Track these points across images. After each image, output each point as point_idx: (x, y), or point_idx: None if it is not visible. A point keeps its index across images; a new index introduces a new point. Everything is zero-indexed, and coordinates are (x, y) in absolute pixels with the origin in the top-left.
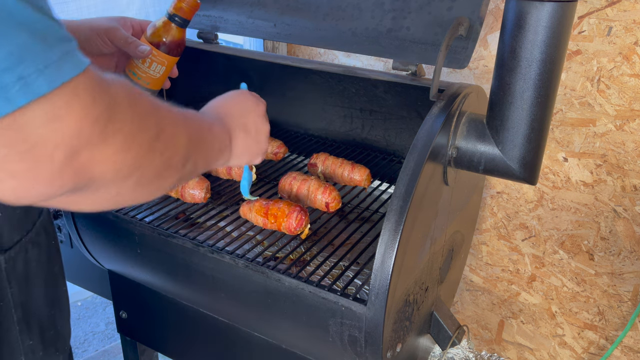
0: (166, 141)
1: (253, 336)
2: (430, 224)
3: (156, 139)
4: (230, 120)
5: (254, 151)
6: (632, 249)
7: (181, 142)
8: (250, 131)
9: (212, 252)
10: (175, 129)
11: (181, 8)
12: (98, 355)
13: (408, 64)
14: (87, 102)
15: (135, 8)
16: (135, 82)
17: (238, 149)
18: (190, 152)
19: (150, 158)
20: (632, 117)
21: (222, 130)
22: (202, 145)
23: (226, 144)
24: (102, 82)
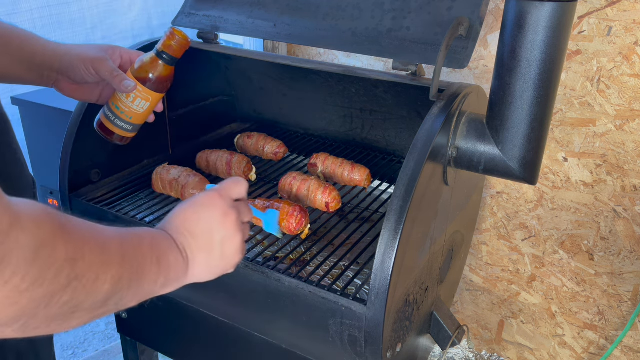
0: (77, 290)
1: (253, 336)
2: (430, 224)
3: (61, 291)
4: (192, 242)
5: (219, 270)
6: (632, 249)
7: (103, 287)
8: (215, 250)
9: None
10: (99, 275)
11: (170, 46)
12: (98, 355)
13: (408, 64)
14: None
15: (137, 9)
16: (117, 115)
17: (197, 272)
18: (114, 295)
19: (45, 309)
20: (632, 117)
21: (177, 261)
22: (138, 282)
23: (179, 272)
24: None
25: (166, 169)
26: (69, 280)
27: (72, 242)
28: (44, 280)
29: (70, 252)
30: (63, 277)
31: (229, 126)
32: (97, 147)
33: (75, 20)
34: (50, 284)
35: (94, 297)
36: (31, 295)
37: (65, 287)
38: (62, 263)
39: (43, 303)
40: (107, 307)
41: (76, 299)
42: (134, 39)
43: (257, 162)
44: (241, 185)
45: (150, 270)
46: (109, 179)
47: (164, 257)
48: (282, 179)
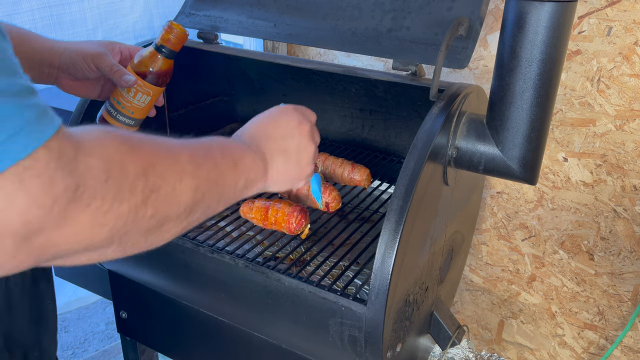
0: (158, 203)
1: (253, 336)
2: (430, 224)
3: (142, 206)
4: (267, 144)
5: (295, 176)
6: (632, 249)
7: (183, 197)
8: (291, 155)
9: (212, 252)
10: (175, 185)
11: (169, 40)
12: (98, 355)
13: (408, 64)
14: (35, 189)
15: (139, 10)
16: (119, 110)
17: (276, 175)
18: (197, 203)
19: (135, 225)
20: (632, 117)
21: (254, 162)
22: (218, 187)
23: (258, 174)
24: (65, 157)
25: None
26: (146, 194)
27: (140, 157)
28: (122, 198)
29: (140, 166)
30: (139, 192)
31: (229, 126)
32: None
33: (76, 20)
34: (129, 200)
35: (176, 207)
36: (115, 214)
37: (145, 201)
38: (134, 178)
39: (129, 219)
40: (196, 215)
41: (160, 211)
42: (135, 39)
43: None
44: (313, 114)
45: (228, 174)
46: None
47: (240, 160)
48: None
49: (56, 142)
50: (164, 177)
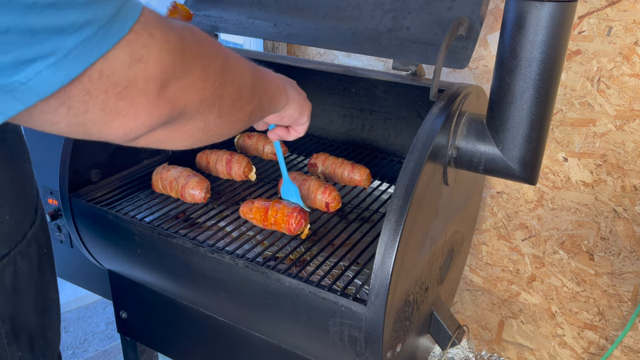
0: (234, 71)
1: (253, 336)
2: (430, 224)
3: (225, 69)
4: (289, 88)
5: (304, 104)
6: (632, 249)
7: (246, 73)
8: (296, 89)
9: (212, 252)
10: (237, 60)
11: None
12: (98, 355)
13: (408, 64)
14: (161, 39)
15: None
16: None
17: (290, 99)
18: (255, 85)
19: (225, 86)
20: (632, 117)
21: (277, 79)
22: (264, 81)
23: (281, 87)
24: (163, 19)
25: (166, 169)
26: (223, 59)
27: (206, 35)
28: (210, 56)
29: (211, 40)
30: (219, 56)
31: None
32: (97, 147)
33: None
34: (214, 59)
35: (245, 79)
36: (213, 70)
37: (224, 65)
38: (212, 44)
39: (221, 79)
40: (255, 94)
41: (237, 79)
42: None
43: (257, 162)
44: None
45: (265, 74)
46: (109, 179)
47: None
48: (282, 179)
49: (151, 9)
50: (226, 51)
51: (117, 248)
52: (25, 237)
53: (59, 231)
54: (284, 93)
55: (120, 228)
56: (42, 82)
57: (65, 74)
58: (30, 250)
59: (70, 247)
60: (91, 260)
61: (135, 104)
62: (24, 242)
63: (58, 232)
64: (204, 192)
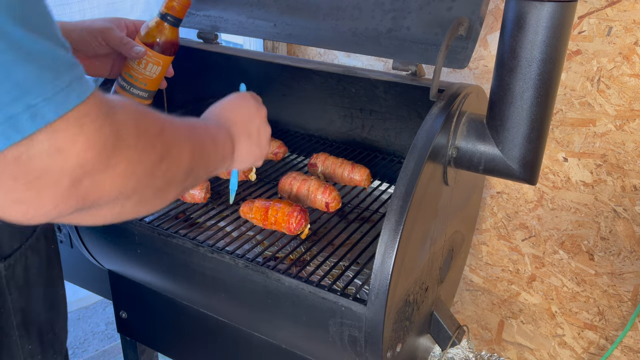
0: (170, 162)
1: (253, 336)
2: (430, 224)
3: (160, 162)
4: (234, 127)
5: (256, 155)
6: (632, 249)
7: (184, 159)
8: (253, 136)
9: (212, 252)
10: (179, 147)
11: (173, 7)
12: (98, 355)
13: (408, 64)
14: (91, 133)
15: (140, 9)
16: (132, 83)
17: (241, 154)
18: (192, 166)
19: (153, 179)
20: (632, 117)
21: (226, 138)
22: (205, 157)
23: (229, 152)
24: (108, 110)
25: None
26: (162, 151)
27: (155, 119)
28: (147, 150)
29: (157, 127)
30: (158, 148)
31: None
32: None
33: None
34: (151, 154)
35: (180, 168)
36: (143, 166)
37: (161, 158)
38: (154, 135)
39: (151, 172)
40: (189, 179)
41: (170, 170)
42: None
43: None
44: (259, 98)
45: (210, 146)
46: None
47: (217, 136)
48: (282, 179)
49: (100, 97)
50: (172, 139)
51: (117, 248)
52: (34, 232)
53: (59, 231)
54: (229, 157)
55: (120, 228)
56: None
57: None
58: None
59: (70, 247)
60: (91, 260)
61: (42, 196)
62: (34, 237)
63: (58, 232)
64: (204, 192)
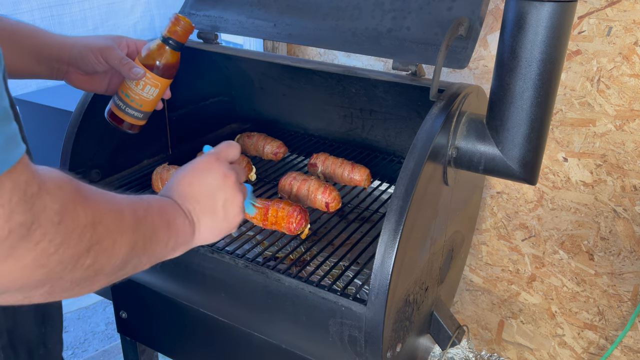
0: (98, 254)
1: (253, 336)
2: (430, 224)
3: (84, 254)
4: (196, 206)
5: (224, 231)
6: (632, 249)
7: (120, 251)
8: (218, 212)
9: (212, 252)
10: (117, 239)
11: (175, 32)
12: (98, 355)
13: (408, 64)
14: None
15: (140, 10)
16: (128, 103)
17: (203, 234)
18: (131, 259)
19: (71, 272)
20: (632, 117)
21: (184, 225)
22: (149, 250)
23: (188, 235)
24: (28, 192)
25: (166, 169)
26: (91, 244)
27: (91, 208)
28: (69, 243)
29: (90, 217)
30: (85, 241)
31: (228, 126)
32: (97, 147)
33: (76, 21)
34: (74, 246)
35: (113, 261)
36: (58, 258)
37: (88, 250)
38: (84, 227)
39: (69, 266)
40: (126, 270)
41: (98, 262)
42: None
43: (257, 162)
44: (235, 148)
45: (162, 234)
46: (109, 179)
47: (173, 222)
48: (282, 179)
49: (23, 175)
50: (109, 231)
51: None
52: None
53: None
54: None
55: None
56: None
57: None
58: None
59: None
60: None
61: None
62: None
63: None
64: None
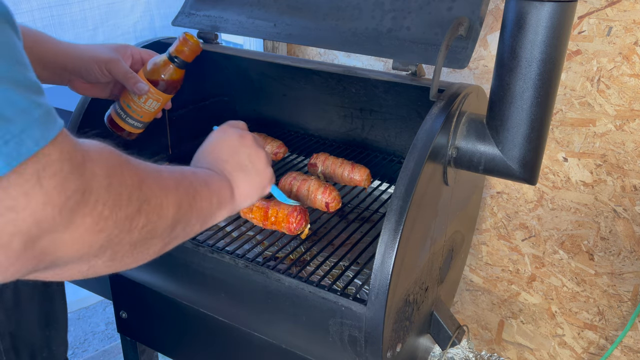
0: (149, 214)
1: (253, 336)
2: (430, 224)
3: (137, 215)
4: (225, 166)
5: (260, 185)
6: (632, 249)
7: (168, 211)
8: (248, 167)
9: (212, 252)
10: (162, 199)
11: (183, 51)
12: (98, 355)
13: (408, 64)
14: (51, 188)
15: (140, 10)
16: (129, 114)
17: (243, 191)
18: (180, 219)
19: (128, 234)
20: (632, 117)
21: (221, 181)
22: (197, 207)
23: (227, 194)
24: (77, 161)
25: None
26: (140, 203)
27: (135, 170)
28: (121, 204)
29: (135, 178)
30: (135, 201)
31: None
32: None
33: (76, 21)
34: (126, 207)
35: (163, 221)
36: (114, 220)
37: (139, 210)
38: (131, 188)
39: (125, 227)
40: (177, 231)
41: (150, 223)
42: (136, 39)
43: None
44: (242, 123)
45: (204, 192)
46: None
47: (210, 181)
48: (282, 179)
49: (67, 145)
50: (153, 191)
51: None
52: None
53: None
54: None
55: None
56: None
57: None
58: None
59: None
60: None
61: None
62: None
63: None
64: None
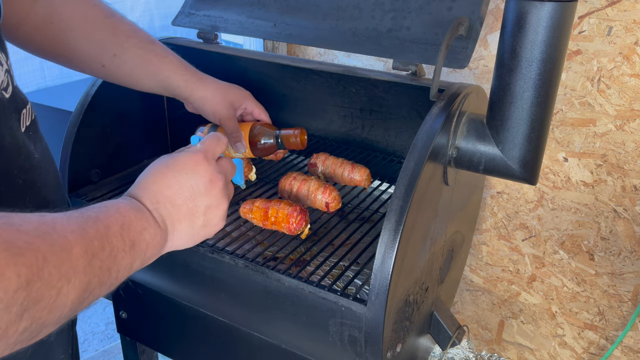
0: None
1: (253, 336)
2: (430, 224)
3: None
4: (172, 211)
5: (199, 237)
6: (632, 249)
7: (69, 298)
8: (198, 218)
9: (212, 252)
10: (62, 287)
11: (289, 141)
12: (98, 355)
13: (408, 64)
14: None
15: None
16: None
17: (177, 241)
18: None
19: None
20: (632, 117)
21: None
22: (110, 278)
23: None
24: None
25: None
26: (25, 306)
27: (26, 264)
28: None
29: (24, 276)
30: (17, 306)
31: None
32: (97, 147)
33: None
34: (1, 318)
35: (59, 312)
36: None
37: (21, 315)
38: (15, 292)
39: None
40: (80, 308)
41: (37, 322)
42: None
43: (257, 162)
44: (223, 142)
45: (125, 258)
46: (109, 179)
47: (139, 239)
48: (282, 179)
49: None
50: (49, 283)
51: None
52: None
53: None
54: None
55: None
56: None
57: None
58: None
59: None
60: None
61: None
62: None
63: None
64: None
